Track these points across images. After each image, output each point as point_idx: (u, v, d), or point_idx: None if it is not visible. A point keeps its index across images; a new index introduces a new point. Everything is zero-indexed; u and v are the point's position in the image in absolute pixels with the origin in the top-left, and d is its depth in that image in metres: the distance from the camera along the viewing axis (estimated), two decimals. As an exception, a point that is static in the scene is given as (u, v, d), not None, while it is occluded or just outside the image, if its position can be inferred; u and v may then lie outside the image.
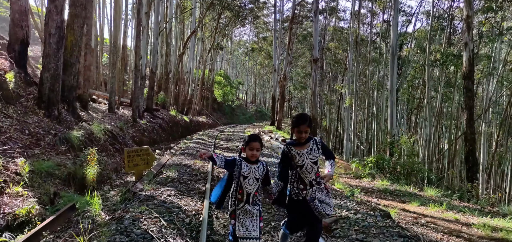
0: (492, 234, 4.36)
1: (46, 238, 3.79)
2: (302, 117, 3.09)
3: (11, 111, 7.84)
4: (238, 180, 2.96)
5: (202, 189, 5.82)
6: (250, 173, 2.95)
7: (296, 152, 3.07)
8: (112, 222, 3.61)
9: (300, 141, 3.09)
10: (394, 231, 4.05)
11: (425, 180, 9.12)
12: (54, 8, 8.66)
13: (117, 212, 4.12)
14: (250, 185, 2.95)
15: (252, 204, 2.98)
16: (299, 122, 3.06)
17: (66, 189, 6.25)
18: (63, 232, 3.97)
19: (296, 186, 3.13)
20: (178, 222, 3.89)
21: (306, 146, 3.09)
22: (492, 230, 4.44)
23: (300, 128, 3.04)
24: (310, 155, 3.06)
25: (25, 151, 6.72)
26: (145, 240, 3.20)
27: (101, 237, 3.19)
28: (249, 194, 2.96)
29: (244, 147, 3.04)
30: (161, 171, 7.23)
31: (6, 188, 5.11)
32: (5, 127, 7.11)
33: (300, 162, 3.06)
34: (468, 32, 14.52)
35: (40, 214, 4.84)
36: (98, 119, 12.16)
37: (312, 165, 3.06)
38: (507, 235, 4.24)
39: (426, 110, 20.33)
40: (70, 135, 8.14)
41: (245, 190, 2.95)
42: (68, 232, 3.84)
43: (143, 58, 16.29)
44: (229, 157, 3.05)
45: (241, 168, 2.95)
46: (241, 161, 2.99)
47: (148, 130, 15.77)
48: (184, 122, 25.08)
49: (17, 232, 4.37)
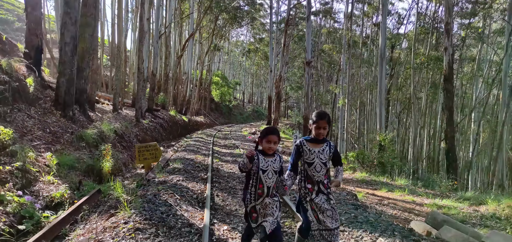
0: (437, 209, 5.44)
1: (85, 211, 4.82)
2: (322, 114, 3.11)
3: (33, 112, 8.85)
4: (257, 175, 2.96)
5: (204, 177, 6.97)
6: (268, 167, 2.96)
7: (308, 148, 3.09)
8: (137, 198, 4.65)
9: (318, 137, 3.09)
10: (352, 203, 5.12)
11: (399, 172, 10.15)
12: (69, 20, 9.67)
13: (139, 192, 5.16)
14: (269, 178, 2.96)
15: (271, 197, 3.00)
16: (318, 118, 3.07)
17: (87, 179, 7.27)
18: (95, 208, 5.02)
19: (303, 185, 3.15)
20: (188, 197, 5.01)
21: (320, 145, 3.11)
22: (438, 207, 5.51)
23: (319, 124, 3.04)
24: (322, 155, 3.08)
25: (48, 146, 7.73)
26: (166, 206, 4.29)
27: (135, 204, 4.23)
28: (269, 187, 2.97)
29: (260, 139, 3.02)
30: (168, 163, 8.31)
31: (40, 176, 6.13)
32: (29, 125, 8.13)
33: (310, 159, 3.08)
34: (448, 37, 15.62)
35: (71, 198, 5.86)
36: (105, 119, 13.16)
37: (322, 165, 3.07)
38: (447, 210, 5.31)
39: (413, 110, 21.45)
40: (85, 133, 9.16)
41: (265, 183, 2.96)
42: (100, 208, 4.89)
43: (145, 61, 17.29)
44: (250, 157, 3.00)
45: (259, 162, 2.95)
46: (257, 154, 2.98)
47: (150, 129, 16.77)
48: (183, 122, 26.07)
49: (55, 211, 5.40)
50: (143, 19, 16.25)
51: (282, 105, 61.34)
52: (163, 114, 22.37)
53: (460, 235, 3.68)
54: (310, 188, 3.10)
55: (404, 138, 27.87)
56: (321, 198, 3.06)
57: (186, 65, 34.09)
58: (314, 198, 3.06)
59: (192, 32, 29.31)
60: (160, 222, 3.64)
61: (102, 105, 18.61)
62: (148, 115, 19.12)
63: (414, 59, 20.64)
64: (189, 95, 34.95)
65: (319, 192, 3.08)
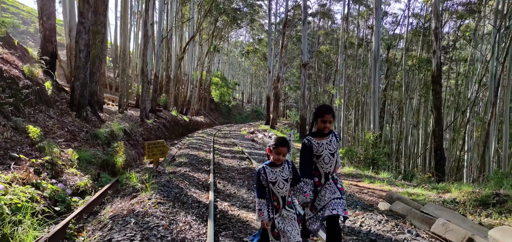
0: (408, 196, 6.36)
1: (109, 196, 5.75)
2: (326, 107, 3.10)
3: (52, 113, 9.76)
4: (268, 188, 2.96)
5: (207, 169, 7.96)
6: (277, 177, 2.93)
7: (316, 142, 3.07)
8: (153, 184, 5.57)
9: (324, 131, 3.06)
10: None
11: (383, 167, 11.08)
12: (83, 29, 10.58)
13: (153, 180, 6.09)
14: (281, 188, 2.93)
15: (288, 207, 2.96)
16: (323, 111, 3.06)
17: (103, 172, 8.19)
18: (116, 194, 5.94)
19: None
20: (194, 183, 5.97)
21: (326, 137, 3.08)
22: (409, 195, 6.43)
23: (325, 118, 3.02)
24: (330, 146, 3.06)
25: (68, 143, 8.65)
26: (178, 189, 5.25)
27: (153, 187, 5.15)
28: (283, 197, 2.94)
29: (270, 149, 2.98)
30: (174, 159, 9.24)
31: (65, 169, 7.05)
32: (50, 125, 9.04)
33: (319, 152, 3.06)
34: (436, 41, 16.53)
35: (92, 187, 6.78)
36: (113, 119, 14.08)
37: (330, 156, 3.06)
38: (416, 197, 6.24)
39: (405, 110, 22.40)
40: (98, 132, 10.08)
41: (278, 194, 2.94)
42: (120, 193, 5.81)
43: (148, 64, 18.20)
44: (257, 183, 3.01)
45: (267, 176, 2.93)
46: (263, 169, 2.96)
47: (154, 129, 17.68)
48: (184, 122, 27.01)
49: (81, 197, 6.31)
50: (147, 24, 17.16)
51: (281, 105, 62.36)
52: (166, 114, 23.30)
53: (406, 207, 4.70)
54: (317, 181, 3.08)
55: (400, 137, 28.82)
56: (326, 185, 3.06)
57: (187, 67, 35.03)
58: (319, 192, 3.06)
59: (192, 35, 30.23)
60: (175, 199, 4.62)
61: (107, 106, 19.55)
62: (151, 115, 20.04)
63: (405, 62, 21.58)
64: (189, 96, 35.88)
65: (326, 181, 3.07)
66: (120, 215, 3.85)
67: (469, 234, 3.54)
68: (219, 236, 3.85)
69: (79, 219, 4.62)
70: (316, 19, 45.95)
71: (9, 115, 7.68)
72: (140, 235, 3.17)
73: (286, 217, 2.94)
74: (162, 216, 3.88)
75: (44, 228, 4.69)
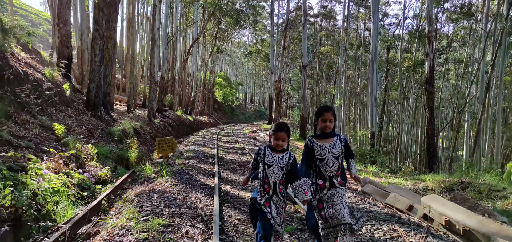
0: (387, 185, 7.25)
1: (128, 183, 6.70)
2: (326, 107, 3.12)
3: (70, 113, 10.73)
4: (263, 169, 3.03)
5: (212, 162, 8.98)
6: (274, 162, 2.99)
7: (318, 144, 3.05)
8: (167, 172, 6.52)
9: (325, 131, 3.05)
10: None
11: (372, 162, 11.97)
12: (98, 35, 11.54)
13: (166, 169, 7.05)
14: (275, 174, 2.97)
15: (280, 195, 3.02)
16: (323, 110, 3.07)
17: (118, 166, 9.13)
18: (134, 182, 6.88)
19: (314, 181, 3.09)
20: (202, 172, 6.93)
21: (329, 140, 3.05)
22: (388, 183, 7.32)
23: (325, 116, 3.03)
24: (333, 149, 3.01)
25: (87, 140, 9.61)
26: (189, 175, 6.22)
27: (168, 173, 6.10)
28: (274, 183, 2.99)
29: (270, 135, 3.05)
30: (182, 154, 10.19)
31: (87, 161, 8.00)
32: (70, 123, 10.00)
33: (321, 155, 3.02)
34: (429, 44, 17.38)
35: (111, 177, 7.72)
36: (123, 118, 15.05)
37: (334, 160, 3.01)
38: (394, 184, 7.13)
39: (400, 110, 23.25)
40: (112, 130, 11.04)
41: (270, 178, 2.99)
42: (138, 181, 6.75)
43: (155, 67, 19.16)
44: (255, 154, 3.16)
45: (265, 156, 3.02)
46: (264, 148, 3.06)
47: (161, 127, 18.65)
48: (189, 121, 27.96)
49: (102, 185, 7.25)
50: (154, 29, 18.12)
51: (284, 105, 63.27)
52: (171, 114, 24.26)
53: (374, 188, 5.68)
54: (321, 183, 3.03)
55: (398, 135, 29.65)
56: (332, 191, 3.00)
57: (191, 68, 36.01)
58: (324, 195, 3.01)
59: (196, 37, 31.16)
60: (186, 182, 5.60)
61: (116, 106, 20.52)
62: (158, 115, 21.00)
63: (401, 63, 22.44)
64: (193, 96, 36.84)
65: (331, 187, 3.01)
66: (144, 192, 4.80)
67: (410, 202, 4.58)
68: (223, 206, 4.83)
69: (107, 200, 5.55)
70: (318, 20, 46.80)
71: (36, 114, 8.64)
72: (163, 203, 4.14)
73: (277, 204, 3.00)
74: (177, 192, 4.85)
75: (76, 208, 5.64)
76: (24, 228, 4.41)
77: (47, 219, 4.78)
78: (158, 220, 3.81)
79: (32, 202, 4.70)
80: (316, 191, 3.05)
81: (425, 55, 17.92)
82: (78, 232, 4.29)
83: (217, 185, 5.95)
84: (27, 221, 4.42)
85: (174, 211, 4.15)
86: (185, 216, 4.15)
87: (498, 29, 16.94)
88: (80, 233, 4.24)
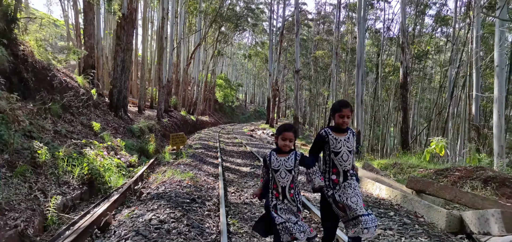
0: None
1: (154, 166, 9.10)
2: (344, 102, 3.03)
3: (98, 113, 13.10)
4: (271, 175, 2.95)
5: (215, 151, 11.53)
6: (280, 166, 2.91)
7: (334, 137, 2.99)
8: (183, 155, 8.93)
9: (342, 126, 2.97)
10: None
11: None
12: (120, 49, 13.92)
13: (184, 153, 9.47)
14: (282, 178, 2.90)
15: (290, 199, 2.92)
16: (341, 106, 2.97)
17: (141, 156, 11.52)
18: (158, 166, 9.27)
19: (328, 176, 3.01)
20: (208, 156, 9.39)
21: (344, 134, 3.00)
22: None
23: (343, 112, 2.94)
24: (348, 143, 2.99)
25: (114, 135, 11.99)
26: (200, 158, 8.67)
27: (185, 157, 8.50)
28: (283, 188, 2.91)
29: (276, 136, 2.96)
30: (191, 146, 12.63)
31: (118, 151, 10.37)
32: (99, 122, 12.38)
33: (337, 148, 2.97)
34: (403, 53, 19.76)
35: (138, 163, 10.10)
36: (137, 118, 17.43)
37: (348, 154, 2.98)
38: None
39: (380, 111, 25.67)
40: (132, 127, 13.43)
41: (278, 183, 2.91)
42: (160, 165, 9.15)
43: (163, 72, 21.54)
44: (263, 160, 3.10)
45: (271, 162, 2.94)
46: (270, 154, 2.99)
47: (168, 126, 21.03)
48: (192, 121, 30.35)
49: (133, 168, 9.63)
50: (162, 39, 20.50)
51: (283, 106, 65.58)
52: (176, 114, 26.64)
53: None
54: (335, 179, 2.97)
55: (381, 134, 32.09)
56: (346, 183, 2.94)
57: (193, 71, 38.36)
58: (336, 191, 2.94)
59: (198, 42, 33.54)
60: (200, 160, 8.07)
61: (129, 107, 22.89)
62: (165, 115, 23.37)
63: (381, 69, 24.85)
64: (195, 97, 39.20)
65: (345, 180, 2.96)
66: (173, 164, 7.23)
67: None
68: (224, 172, 7.32)
69: (142, 174, 7.96)
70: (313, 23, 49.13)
71: (76, 114, 11.03)
72: (188, 169, 6.57)
73: (287, 209, 2.90)
74: (195, 165, 7.34)
75: (122, 180, 8.02)
76: (95, 188, 6.81)
77: (106, 184, 7.16)
78: (189, 174, 6.43)
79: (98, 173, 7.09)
80: (329, 187, 2.98)
81: (400, 62, 20.31)
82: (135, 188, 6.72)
83: (221, 162, 8.57)
84: (98, 184, 6.81)
85: (196, 172, 6.88)
86: (203, 174, 6.85)
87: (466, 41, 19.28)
88: (135, 189, 6.65)
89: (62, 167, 6.40)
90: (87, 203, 6.26)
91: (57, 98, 10.27)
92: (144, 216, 4.13)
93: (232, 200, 5.77)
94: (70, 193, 5.99)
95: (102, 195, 6.72)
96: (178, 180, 6.10)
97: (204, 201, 5.33)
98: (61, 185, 6.01)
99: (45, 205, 5.04)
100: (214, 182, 6.87)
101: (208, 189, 6.30)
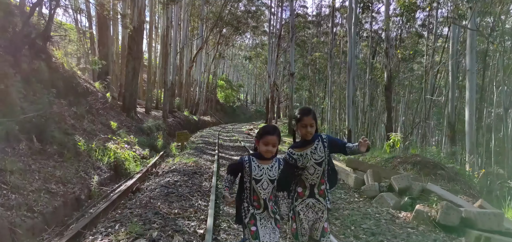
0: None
1: (165, 156, 11.05)
2: (305, 110, 2.73)
3: (113, 114, 15.05)
4: (250, 185, 2.51)
5: (214, 146, 13.37)
6: (263, 175, 2.49)
7: (299, 154, 2.69)
8: (188, 149, 10.86)
9: (306, 138, 2.66)
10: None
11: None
12: (131, 57, 15.85)
13: (185, 150, 11.39)
14: (264, 189, 2.50)
15: (271, 211, 2.56)
16: (302, 114, 2.66)
17: (151, 150, 13.45)
18: (167, 156, 11.22)
19: (294, 188, 2.79)
20: (208, 149, 11.37)
21: (309, 146, 2.68)
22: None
23: (304, 121, 2.63)
24: (315, 155, 2.67)
25: (127, 132, 13.92)
26: (201, 150, 10.63)
27: (189, 149, 10.43)
28: (265, 200, 2.52)
29: (257, 140, 2.53)
30: (194, 142, 14.60)
31: (133, 146, 12.31)
32: (114, 121, 14.32)
33: (303, 163, 2.68)
34: (387, 58, 21.63)
35: (149, 155, 12.03)
36: (145, 118, 19.37)
37: (315, 166, 2.68)
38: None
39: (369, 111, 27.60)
40: (142, 126, 15.37)
41: (260, 195, 2.51)
42: (169, 157, 11.10)
43: (168, 75, 23.49)
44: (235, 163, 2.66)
45: (251, 170, 2.48)
46: (249, 159, 2.53)
47: (173, 125, 22.97)
48: (194, 121, 32.30)
49: (146, 160, 11.56)
50: (167, 45, 22.44)
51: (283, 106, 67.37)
52: (180, 114, 28.59)
53: None
54: (300, 192, 2.74)
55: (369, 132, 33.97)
56: (309, 202, 2.71)
57: (196, 73, 40.33)
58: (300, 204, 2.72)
59: (200, 46, 35.46)
60: (200, 152, 9.99)
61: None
62: (169, 115, 25.31)
63: (369, 72, 26.72)
64: (198, 98, 41.14)
65: (310, 196, 2.72)
66: (179, 155, 9.18)
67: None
68: (219, 160, 9.25)
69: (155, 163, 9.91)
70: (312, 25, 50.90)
71: (96, 115, 12.97)
72: (192, 156, 8.54)
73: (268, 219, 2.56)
74: (197, 155, 9.30)
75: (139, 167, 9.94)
76: (119, 173, 8.74)
77: (127, 170, 9.10)
78: (193, 158, 8.43)
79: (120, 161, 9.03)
80: (295, 199, 2.75)
81: (384, 66, 22.18)
82: (152, 170, 8.71)
83: (218, 153, 10.58)
84: (121, 170, 8.75)
85: (197, 159, 8.85)
86: (203, 160, 8.93)
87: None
88: (152, 171, 8.62)
89: (95, 156, 8.34)
90: (115, 183, 8.19)
91: (82, 102, 12.22)
92: (164, 179, 6.27)
93: (222, 174, 7.97)
94: (103, 174, 7.94)
95: (125, 178, 8.65)
96: (185, 163, 8.11)
97: (203, 173, 7.69)
98: (96, 169, 7.95)
99: (89, 181, 6.98)
100: (211, 165, 9.08)
101: (206, 168, 8.58)
